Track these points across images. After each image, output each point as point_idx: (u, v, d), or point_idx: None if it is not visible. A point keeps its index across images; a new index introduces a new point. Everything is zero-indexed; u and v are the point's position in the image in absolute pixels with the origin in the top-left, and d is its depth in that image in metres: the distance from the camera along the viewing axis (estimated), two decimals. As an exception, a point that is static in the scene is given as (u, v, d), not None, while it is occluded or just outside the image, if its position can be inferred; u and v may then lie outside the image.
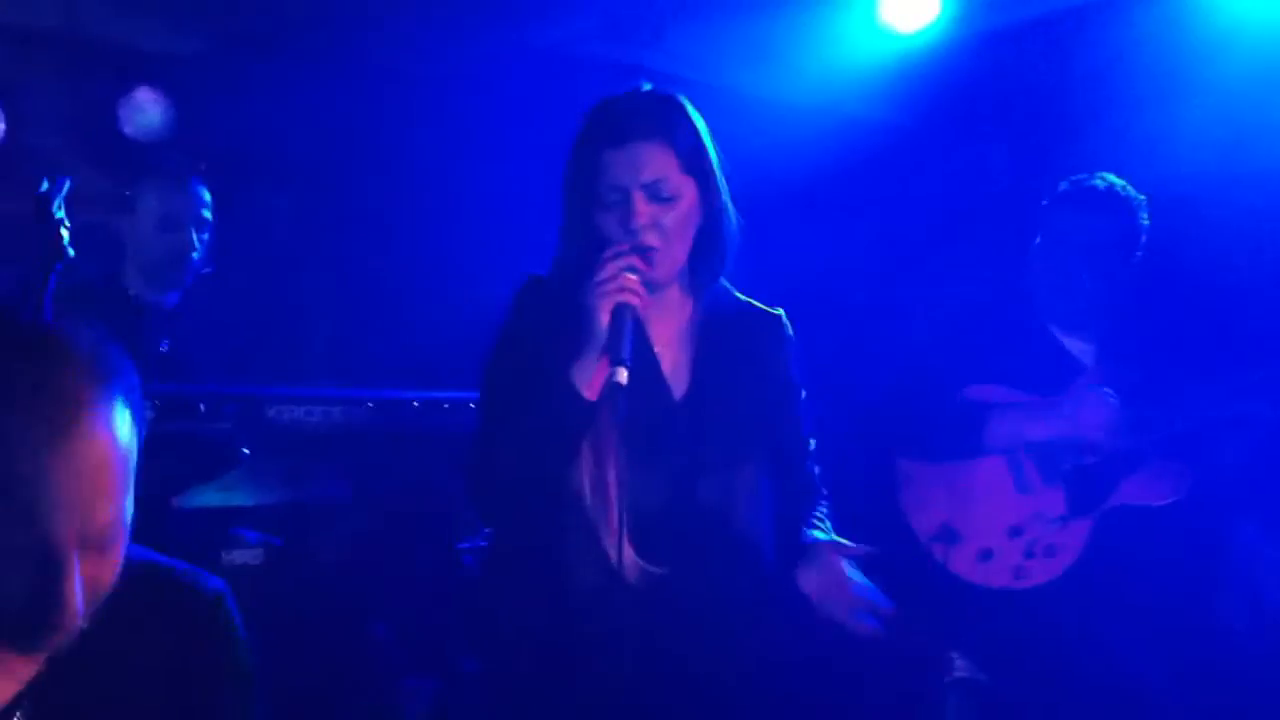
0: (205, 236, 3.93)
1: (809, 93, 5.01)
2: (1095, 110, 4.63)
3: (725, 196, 2.59)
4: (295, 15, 4.61)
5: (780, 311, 2.75)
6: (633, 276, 2.40)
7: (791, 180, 4.65)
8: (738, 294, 2.73)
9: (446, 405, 3.36)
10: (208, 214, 3.94)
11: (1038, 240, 3.63)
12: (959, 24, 4.64)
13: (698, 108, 2.64)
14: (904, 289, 4.65)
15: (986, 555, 3.45)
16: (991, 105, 4.97)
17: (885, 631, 2.52)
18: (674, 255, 2.53)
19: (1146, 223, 3.58)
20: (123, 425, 1.54)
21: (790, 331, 2.74)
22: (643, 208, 2.46)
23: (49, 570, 1.43)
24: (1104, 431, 3.39)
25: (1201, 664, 3.43)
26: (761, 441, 2.63)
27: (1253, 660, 3.51)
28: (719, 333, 2.64)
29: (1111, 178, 3.60)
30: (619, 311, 2.38)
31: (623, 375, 2.30)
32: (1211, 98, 4.23)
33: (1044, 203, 3.67)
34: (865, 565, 2.59)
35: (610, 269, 2.40)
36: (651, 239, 2.47)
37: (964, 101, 4.98)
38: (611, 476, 2.46)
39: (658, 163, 2.48)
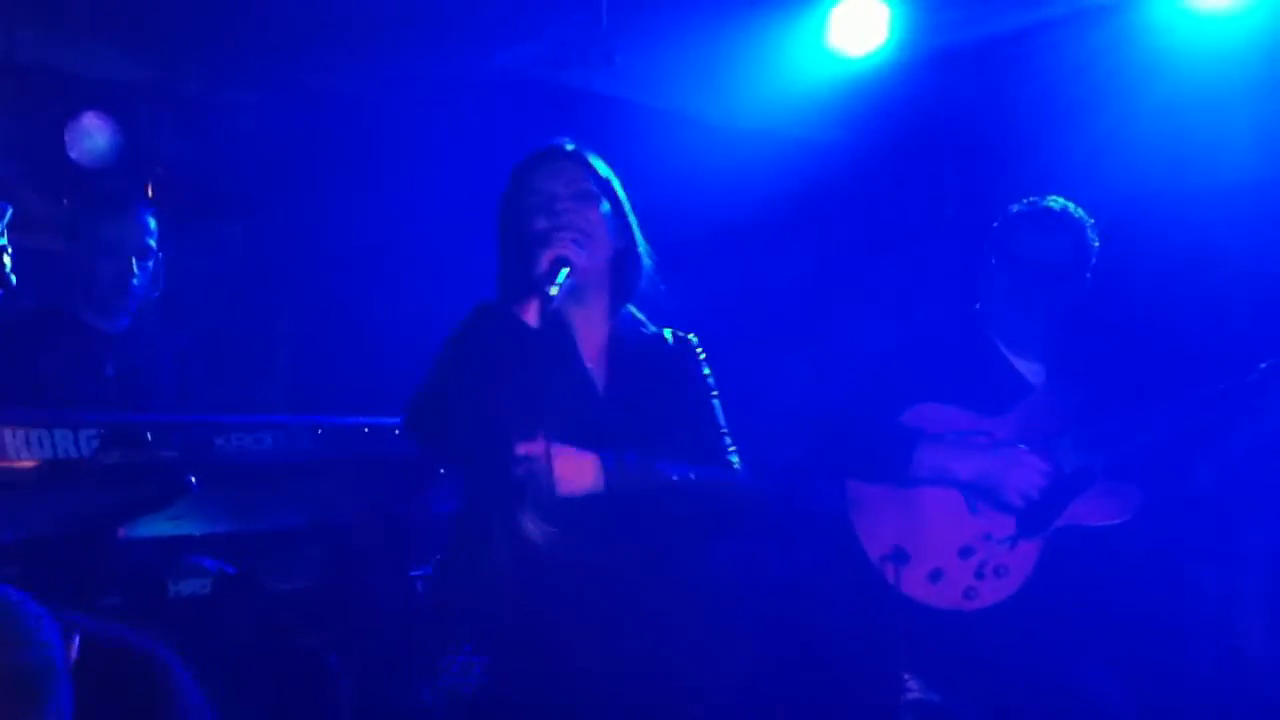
0: (150, 264, 3.91)
1: (759, 116, 5.04)
2: (1041, 131, 4.69)
3: (638, 234, 2.93)
4: (246, 42, 4.59)
5: (692, 336, 3.01)
6: (578, 248, 2.73)
7: (741, 202, 4.68)
8: (651, 325, 3.00)
9: (397, 431, 3.34)
10: (152, 241, 3.91)
11: (991, 261, 3.65)
12: (907, 47, 4.69)
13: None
14: (851, 309, 4.67)
15: (937, 575, 3.45)
16: (939, 127, 5.01)
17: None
18: (597, 251, 2.82)
19: (1096, 244, 3.62)
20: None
21: (699, 349, 3.00)
22: (566, 200, 2.81)
23: None
24: (1023, 500, 3.42)
25: (1152, 685, 3.44)
26: (675, 436, 2.82)
27: (1203, 682, 3.53)
28: (633, 347, 2.93)
29: (1062, 200, 3.64)
30: (558, 259, 2.70)
31: (553, 290, 2.66)
32: (1154, 117, 4.29)
33: (995, 224, 3.69)
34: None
35: (558, 234, 2.73)
36: (579, 223, 2.78)
37: (912, 123, 5.03)
38: (540, 452, 2.63)
39: (576, 172, 2.87)
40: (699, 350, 3.00)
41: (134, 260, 3.86)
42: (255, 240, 4.80)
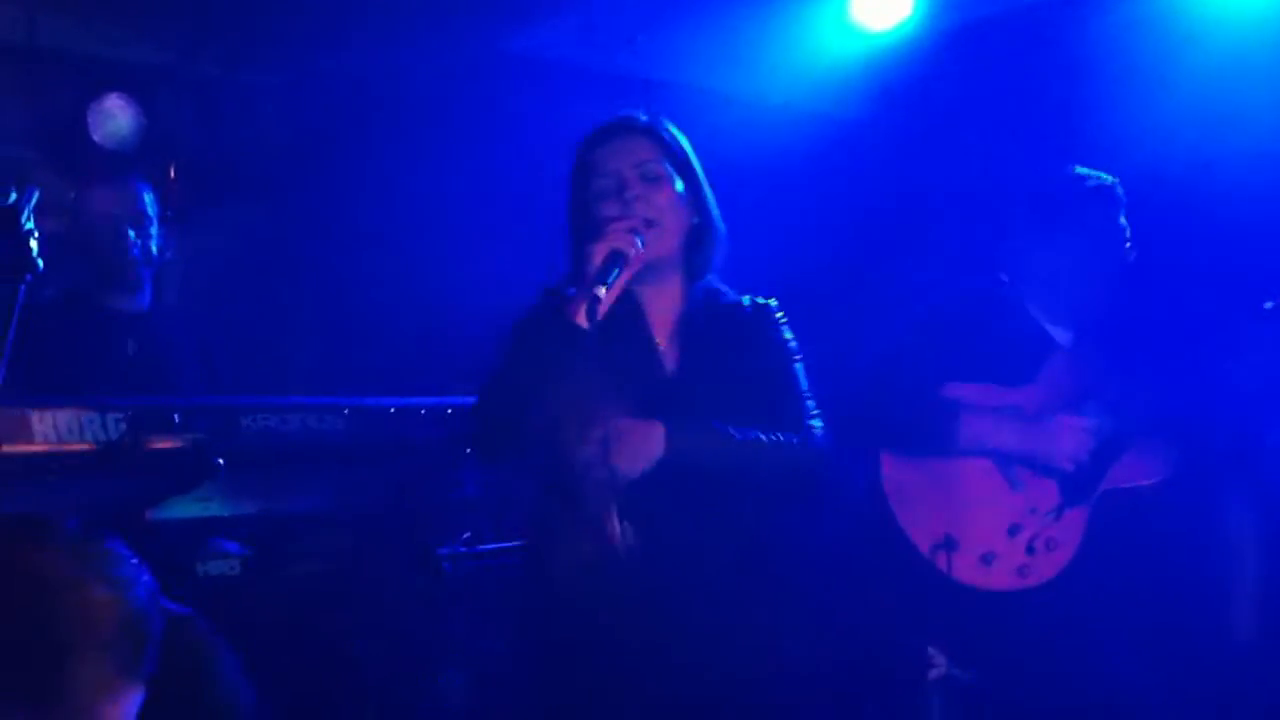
0: (152, 230, 3.91)
1: (783, 92, 5.01)
2: (1068, 102, 4.64)
3: (711, 199, 2.85)
4: (265, 25, 4.58)
5: (772, 300, 2.92)
6: (633, 236, 2.63)
7: (766, 178, 4.65)
8: (732, 293, 2.91)
9: (423, 412, 3.33)
10: (150, 210, 3.91)
11: (1030, 232, 3.60)
12: (931, 20, 4.64)
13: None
14: (879, 283, 4.64)
15: (989, 558, 3.40)
16: (964, 100, 4.96)
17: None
18: (667, 234, 2.73)
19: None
20: None
21: (779, 313, 2.90)
22: (635, 184, 2.71)
23: None
24: (1074, 464, 3.39)
25: (1208, 650, 3.42)
26: (751, 415, 2.73)
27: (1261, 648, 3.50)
28: (709, 320, 2.83)
29: (1101, 174, 3.60)
30: (612, 255, 2.60)
31: (601, 291, 2.55)
32: (1186, 86, 4.24)
33: (1035, 195, 3.65)
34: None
35: (614, 225, 2.64)
36: (647, 211, 2.69)
37: (937, 97, 4.98)
38: (603, 432, 2.58)
39: (645, 150, 2.77)
40: (779, 314, 2.90)
41: (130, 229, 3.86)
42: (276, 222, 4.79)
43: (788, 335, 2.89)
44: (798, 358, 2.89)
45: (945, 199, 4.91)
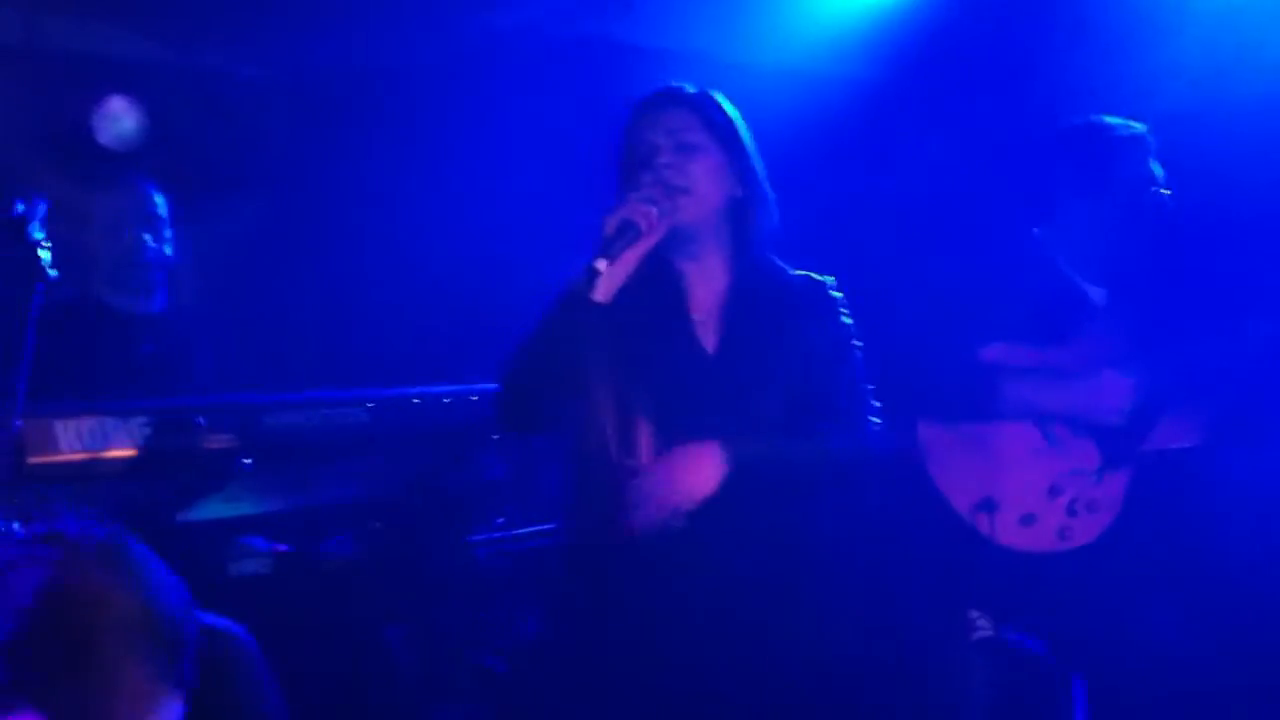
0: (164, 232, 3.89)
1: (784, 54, 4.96)
2: (1078, 52, 4.59)
3: (759, 172, 2.79)
4: (257, 14, 4.54)
5: (829, 278, 2.85)
6: (649, 207, 2.58)
7: (772, 142, 4.61)
8: (784, 267, 2.84)
9: (447, 400, 3.31)
10: (160, 211, 3.89)
11: (1065, 185, 3.55)
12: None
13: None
14: (902, 247, 4.60)
15: (1029, 519, 3.38)
16: (971, 55, 4.91)
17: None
18: (700, 203, 2.68)
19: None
20: None
21: (836, 293, 2.84)
22: (668, 153, 2.68)
23: None
24: (1119, 416, 3.36)
25: (1254, 615, 3.40)
26: (798, 402, 2.69)
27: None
28: (755, 299, 2.77)
29: (1131, 121, 3.55)
30: (622, 225, 2.56)
31: (602, 264, 2.51)
32: (1198, 30, 4.19)
33: (1069, 146, 3.60)
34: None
35: (630, 198, 2.61)
36: (676, 179, 2.65)
37: (942, 53, 4.93)
38: (641, 429, 2.59)
39: (681, 119, 2.73)
40: (836, 294, 2.84)
41: (141, 232, 3.84)
42: (284, 216, 4.76)
43: (845, 318, 2.82)
44: (856, 343, 2.82)
45: (958, 156, 4.86)
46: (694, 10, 4.86)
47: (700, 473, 2.55)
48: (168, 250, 3.92)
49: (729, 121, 2.78)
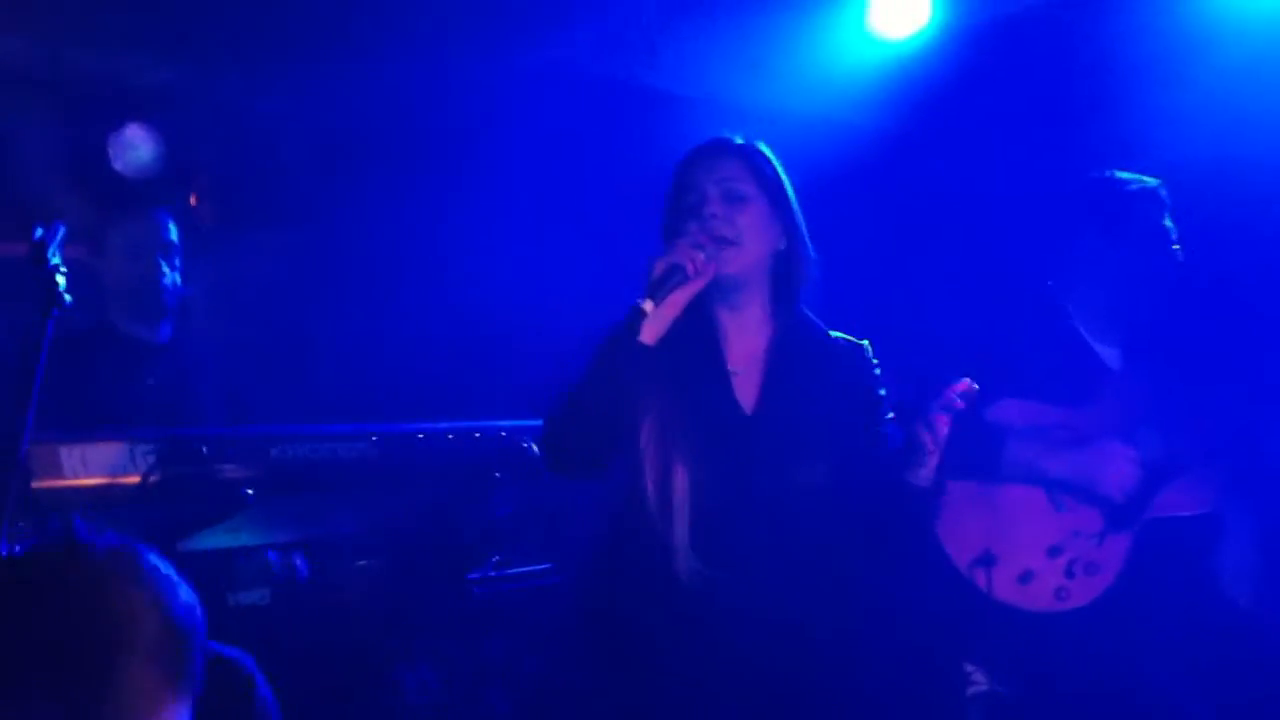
0: (177, 261, 3.92)
1: (805, 102, 4.98)
2: (1095, 103, 4.59)
3: (802, 229, 2.81)
4: (285, 46, 4.59)
5: (865, 342, 2.86)
6: (697, 252, 2.61)
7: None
8: (822, 326, 2.86)
9: (451, 436, 3.33)
10: (176, 240, 3.93)
11: (1085, 240, 3.54)
12: (949, 26, 4.61)
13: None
14: (910, 297, 4.60)
15: (1027, 577, 3.36)
16: (985, 106, 4.92)
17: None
18: (746, 253, 2.70)
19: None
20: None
21: (873, 360, 2.85)
22: (716, 203, 2.70)
23: None
24: (1122, 494, 3.34)
25: (1249, 681, 3.35)
26: (832, 460, 2.69)
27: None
28: (795, 356, 2.77)
29: (1144, 177, 3.54)
30: (669, 269, 2.58)
31: (648, 305, 2.54)
32: (1209, 85, 4.18)
33: (1088, 200, 3.58)
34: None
35: (680, 242, 2.63)
36: (723, 230, 2.67)
37: (958, 103, 4.94)
38: (678, 480, 2.60)
39: (731, 169, 2.75)
40: (874, 361, 2.84)
41: (160, 260, 3.88)
42: (298, 246, 4.80)
43: (881, 388, 2.82)
44: (890, 415, 2.81)
45: (978, 209, 4.86)
46: (718, 57, 4.89)
47: None
48: (179, 279, 3.95)
49: (776, 174, 2.81)
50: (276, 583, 3.20)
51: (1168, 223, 3.52)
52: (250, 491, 2.94)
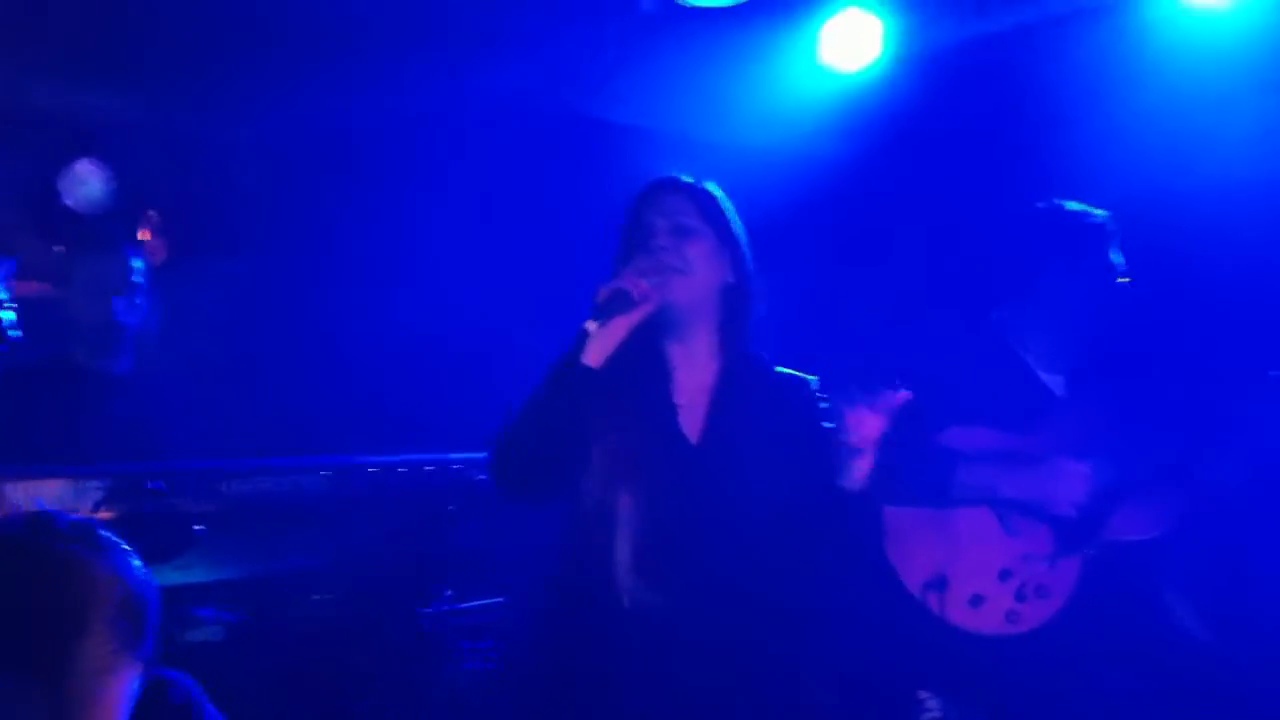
0: (138, 300, 3.91)
1: (757, 133, 5.02)
2: (1040, 135, 4.65)
3: (750, 265, 2.85)
4: (237, 76, 4.58)
5: (812, 378, 2.89)
6: (642, 279, 2.67)
7: (743, 220, 4.65)
8: (769, 361, 2.89)
9: (403, 469, 3.32)
10: (138, 278, 3.91)
11: (1030, 269, 3.57)
12: (901, 59, 4.65)
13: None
14: (860, 327, 4.63)
15: (978, 600, 3.38)
16: (937, 136, 4.98)
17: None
18: (693, 284, 2.75)
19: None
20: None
21: (819, 395, 2.85)
22: (664, 234, 2.77)
23: None
24: (1076, 509, 3.36)
25: (1197, 703, 3.39)
26: (776, 492, 2.71)
27: (1248, 697, 3.46)
28: (741, 390, 2.81)
29: (1091, 208, 3.59)
30: (615, 294, 2.65)
31: (592, 326, 2.62)
32: (1160, 113, 4.25)
33: (1034, 232, 3.61)
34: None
35: (626, 270, 2.71)
36: (670, 259, 2.73)
37: (910, 133, 4.99)
38: (623, 509, 2.63)
39: (678, 204, 2.81)
40: (819, 395, 2.85)
41: (120, 298, 3.86)
42: (250, 278, 4.79)
43: (827, 423, 2.79)
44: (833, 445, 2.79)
45: (925, 236, 4.91)
46: (671, 91, 4.92)
47: None
48: (139, 317, 3.93)
49: (723, 211, 2.86)
50: (229, 619, 3.18)
51: (1115, 255, 3.56)
52: (200, 527, 2.93)
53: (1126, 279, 3.56)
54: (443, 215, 4.72)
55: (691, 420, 2.77)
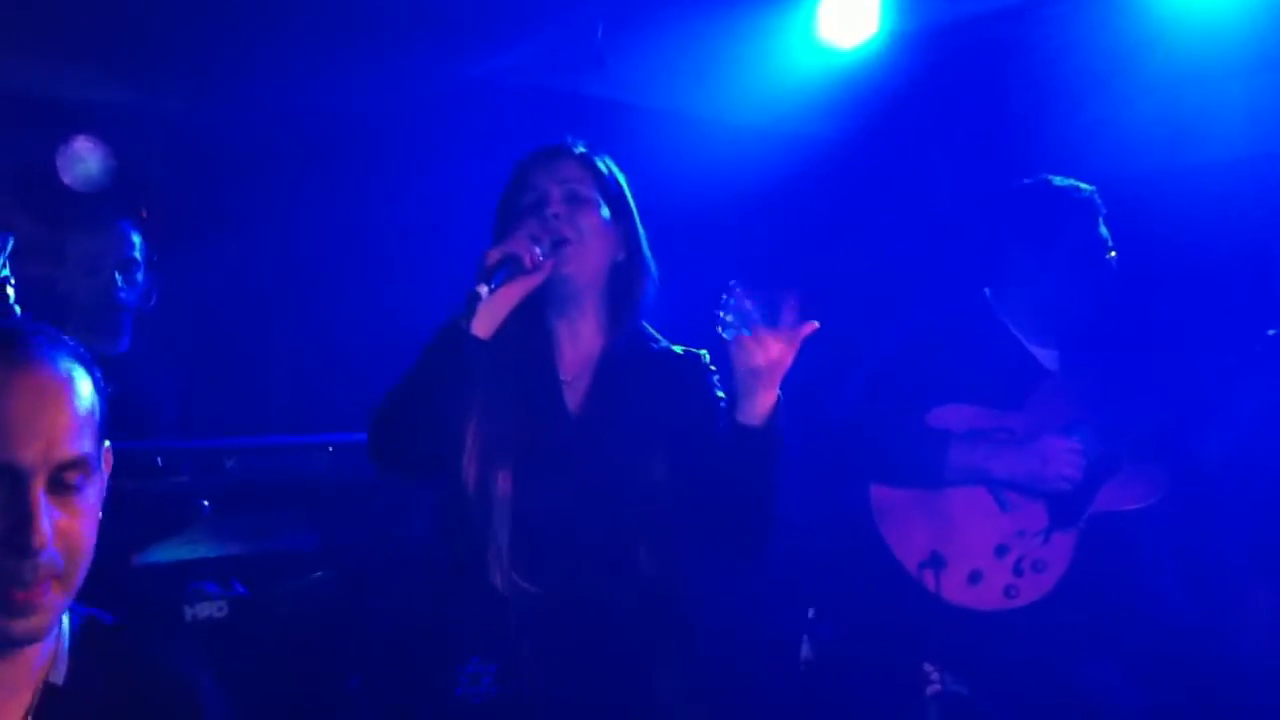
0: (137, 276, 3.89)
1: (753, 112, 5.01)
2: (1036, 113, 4.66)
3: (644, 244, 2.76)
4: (230, 59, 4.57)
5: (703, 351, 2.78)
6: (534, 246, 2.53)
7: (737, 199, 4.66)
8: (661, 339, 2.80)
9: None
10: (137, 255, 3.90)
11: (1017, 245, 3.60)
12: (898, 36, 4.66)
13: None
14: (855, 306, 4.64)
15: (976, 577, 3.41)
16: (933, 114, 4.98)
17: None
18: (585, 257, 2.65)
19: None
20: (82, 382, 1.83)
21: (711, 365, 2.76)
22: (557, 202, 2.65)
23: (17, 488, 1.64)
24: (1069, 484, 3.38)
25: (1195, 673, 3.42)
26: (664, 462, 2.63)
27: (1246, 668, 3.49)
28: (626, 366, 2.71)
29: (1080, 183, 3.61)
30: (506, 258, 2.50)
31: (482, 290, 2.44)
32: (1155, 91, 4.26)
33: (1021, 206, 3.64)
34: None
35: (517, 234, 2.56)
36: (565, 230, 2.61)
37: (906, 112, 5.00)
38: (500, 486, 2.55)
39: (574, 172, 2.71)
40: (711, 367, 2.76)
41: (117, 275, 3.85)
42: (250, 256, 4.78)
43: (719, 392, 2.73)
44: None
45: (921, 215, 4.92)
46: (667, 69, 4.91)
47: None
48: (139, 294, 3.92)
49: (619, 185, 2.77)
50: (231, 596, 3.18)
51: (1103, 229, 3.58)
52: (206, 504, 2.93)
53: (1114, 253, 3.58)
54: (438, 195, 4.71)
55: (575, 396, 2.69)
